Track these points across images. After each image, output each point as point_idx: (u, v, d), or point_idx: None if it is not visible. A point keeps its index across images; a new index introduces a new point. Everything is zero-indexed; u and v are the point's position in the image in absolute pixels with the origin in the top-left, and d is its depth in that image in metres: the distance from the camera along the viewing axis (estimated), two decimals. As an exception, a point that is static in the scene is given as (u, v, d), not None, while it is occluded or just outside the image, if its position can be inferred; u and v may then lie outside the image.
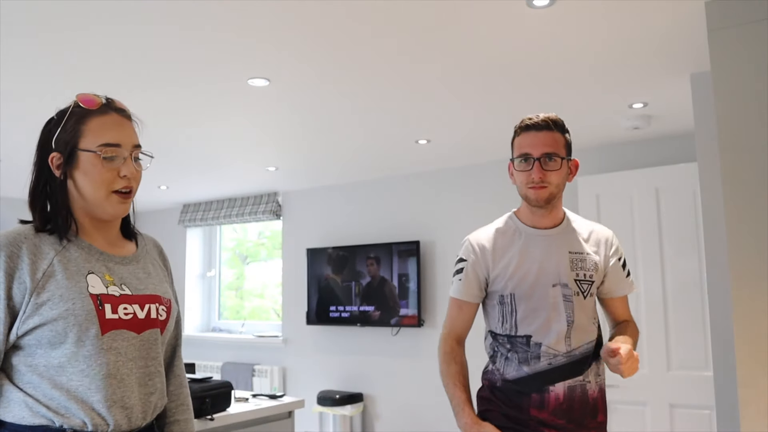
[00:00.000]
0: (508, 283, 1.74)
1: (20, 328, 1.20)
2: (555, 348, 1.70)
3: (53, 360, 1.21)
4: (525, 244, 1.77)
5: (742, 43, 2.05)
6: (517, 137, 1.77)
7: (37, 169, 1.32)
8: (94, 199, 1.28)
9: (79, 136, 1.28)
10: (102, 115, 1.30)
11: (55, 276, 1.22)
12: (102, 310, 1.23)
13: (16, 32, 2.33)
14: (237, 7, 2.16)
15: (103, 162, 1.27)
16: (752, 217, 1.99)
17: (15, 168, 4.66)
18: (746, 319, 1.96)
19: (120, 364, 1.25)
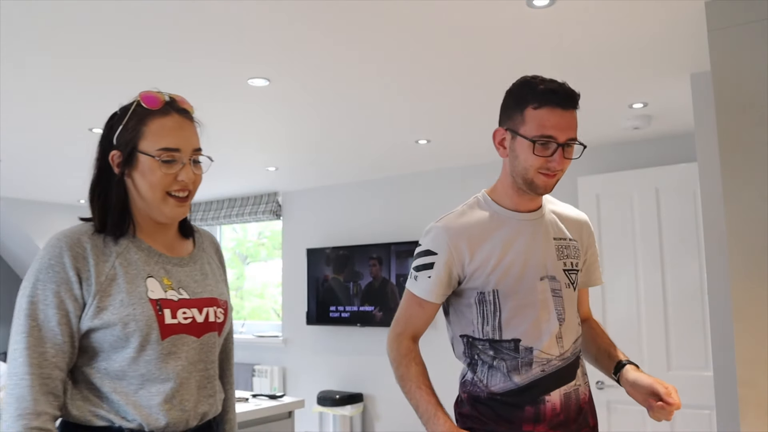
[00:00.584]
0: (490, 278, 1.47)
1: (81, 329, 1.20)
2: (548, 352, 1.48)
3: (114, 363, 1.20)
4: (507, 231, 1.51)
5: (742, 43, 2.05)
6: (535, 109, 1.44)
7: (99, 166, 1.31)
8: (150, 200, 1.26)
9: (139, 137, 1.26)
10: (163, 117, 1.30)
11: (116, 279, 1.21)
12: (162, 315, 1.22)
13: (16, 33, 2.33)
14: (237, 7, 2.16)
15: (161, 166, 1.25)
16: (752, 218, 1.99)
17: (15, 168, 4.66)
18: (746, 319, 1.96)
19: (180, 369, 1.24)
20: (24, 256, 6.34)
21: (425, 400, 1.46)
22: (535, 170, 1.46)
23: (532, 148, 1.44)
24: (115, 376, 1.20)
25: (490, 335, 1.49)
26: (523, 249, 1.50)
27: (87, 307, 1.18)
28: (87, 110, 3.28)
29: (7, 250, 6.48)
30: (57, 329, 1.16)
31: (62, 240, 1.21)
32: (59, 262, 1.18)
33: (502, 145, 1.54)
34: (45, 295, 1.17)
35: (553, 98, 1.43)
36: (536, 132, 1.44)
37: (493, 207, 1.55)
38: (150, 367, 1.20)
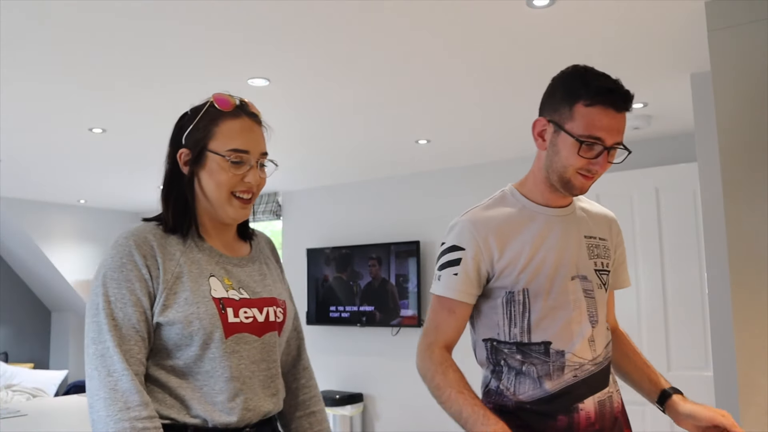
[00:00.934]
0: (521, 276, 1.37)
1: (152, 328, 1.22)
2: (580, 356, 1.37)
3: (179, 360, 1.22)
4: (537, 227, 1.41)
5: (742, 43, 2.05)
6: (586, 106, 1.32)
7: (169, 166, 1.33)
8: (216, 200, 1.28)
9: (209, 137, 1.28)
10: (234, 119, 1.30)
11: (181, 278, 1.22)
12: (224, 314, 1.23)
13: (16, 33, 2.33)
14: (237, 7, 2.16)
15: (230, 166, 1.26)
16: (752, 217, 1.99)
17: (15, 168, 4.66)
18: (746, 319, 1.96)
19: (243, 367, 1.25)
20: (24, 256, 6.35)
21: (470, 403, 1.32)
22: (574, 170, 1.36)
23: (577, 148, 1.33)
24: (180, 372, 1.22)
25: (518, 338, 1.38)
26: (555, 246, 1.40)
27: (155, 305, 1.20)
28: (87, 110, 3.28)
29: (7, 250, 6.48)
30: (138, 326, 1.18)
31: (130, 239, 1.23)
32: (131, 260, 1.20)
33: (542, 137, 1.41)
34: (122, 293, 1.18)
35: (608, 98, 1.31)
36: (584, 131, 1.32)
37: (523, 201, 1.45)
38: (214, 365, 1.22)
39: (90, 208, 6.55)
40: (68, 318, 6.71)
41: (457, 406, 1.34)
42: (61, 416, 2.68)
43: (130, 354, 1.16)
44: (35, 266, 6.36)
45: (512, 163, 4.57)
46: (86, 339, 1.19)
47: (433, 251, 4.89)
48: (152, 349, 1.22)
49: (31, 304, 6.77)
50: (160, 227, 1.28)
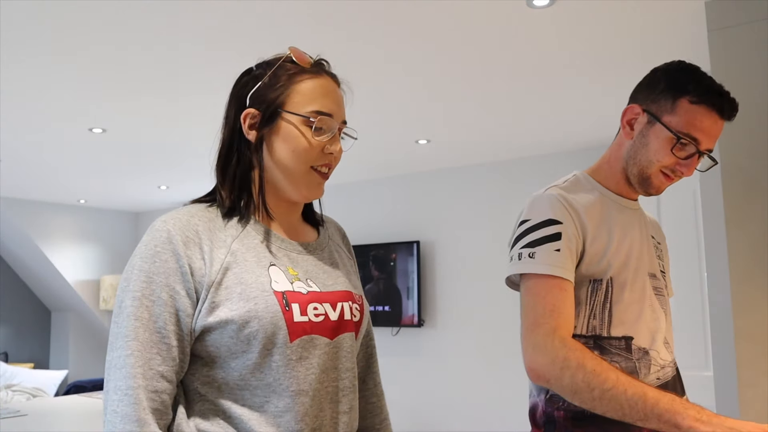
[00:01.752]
0: (611, 263, 1.25)
1: (195, 330, 0.98)
2: (663, 356, 1.27)
3: (233, 372, 0.98)
4: (620, 216, 1.32)
5: (742, 43, 2.05)
6: (691, 103, 1.24)
7: (228, 129, 1.08)
8: (291, 172, 1.05)
9: (286, 96, 1.06)
10: (316, 77, 1.11)
11: (232, 268, 0.98)
12: (289, 312, 0.99)
13: (16, 33, 2.33)
14: (237, 8, 2.16)
15: (311, 133, 1.04)
16: (752, 217, 1.99)
17: (15, 168, 4.66)
18: (746, 319, 1.96)
19: (311, 377, 1.00)
20: (24, 256, 6.35)
21: (653, 390, 1.05)
22: (659, 167, 1.27)
23: (672, 144, 1.24)
24: (235, 387, 0.98)
25: (597, 330, 1.23)
26: (636, 238, 1.32)
27: (200, 302, 0.96)
28: (87, 110, 3.28)
29: (7, 250, 6.48)
30: (165, 331, 0.94)
31: (169, 222, 0.99)
32: (167, 249, 0.97)
33: (630, 125, 1.32)
34: (151, 289, 0.95)
35: (716, 100, 1.24)
36: (684, 128, 1.23)
37: (599, 188, 1.35)
38: (278, 376, 0.97)
39: (90, 208, 6.55)
40: (68, 318, 6.71)
41: (636, 388, 1.04)
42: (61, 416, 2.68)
43: (149, 366, 0.92)
44: (35, 266, 6.36)
45: (512, 163, 4.56)
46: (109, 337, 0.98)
47: (433, 251, 4.89)
48: (200, 359, 0.99)
49: (31, 304, 6.77)
50: (211, 208, 1.05)
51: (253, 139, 1.06)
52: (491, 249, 4.59)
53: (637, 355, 1.23)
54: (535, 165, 4.44)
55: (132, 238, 6.92)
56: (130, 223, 6.90)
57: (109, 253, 6.68)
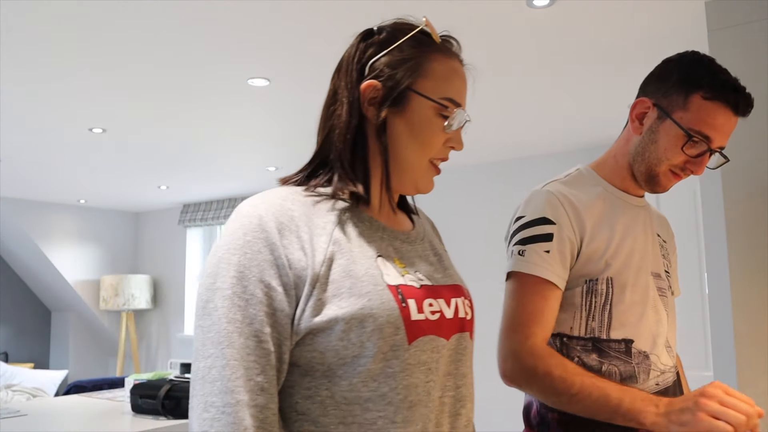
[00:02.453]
0: (609, 263, 1.19)
1: (295, 338, 0.81)
2: (663, 361, 1.22)
3: (341, 382, 0.81)
4: (623, 213, 1.26)
5: (742, 43, 2.05)
6: (705, 99, 1.17)
7: (347, 102, 0.91)
8: (412, 165, 0.92)
9: (419, 72, 0.91)
10: (449, 58, 0.94)
11: (337, 259, 0.83)
12: (406, 308, 0.84)
13: (16, 33, 2.33)
14: (237, 7, 2.16)
15: (439, 119, 0.91)
16: (752, 217, 1.99)
17: (15, 168, 4.66)
18: (746, 320, 1.96)
19: (430, 386, 0.85)
20: (24, 256, 6.35)
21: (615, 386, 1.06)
22: (668, 166, 1.21)
23: (683, 142, 1.18)
24: (342, 400, 0.81)
25: (596, 332, 1.18)
26: (639, 237, 1.25)
27: (303, 299, 0.81)
28: (87, 110, 3.28)
29: (7, 250, 6.49)
30: (263, 335, 0.78)
31: (259, 207, 0.84)
32: (259, 238, 0.81)
33: (640, 120, 1.25)
34: (243, 286, 0.79)
35: (731, 96, 1.18)
36: (696, 125, 1.17)
37: (603, 184, 1.28)
38: (395, 385, 0.81)
39: (90, 208, 6.55)
40: (68, 318, 6.71)
41: (599, 391, 1.05)
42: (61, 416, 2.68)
43: (247, 376, 0.76)
44: (35, 266, 6.37)
45: (511, 164, 4.56)
46: (193, 354, 0.81)
47: (433, 251, 4.88)
48: (296, 370, 0.83)
49: (31, 304, 6.77)
50: (306, 190, 0.90)
51: (372, 117, 0.90)
52: (488, 250, 4.59)
53: (636, 359, 1.18)
54: (533, 165, 4.44)
55: (132, 238, 6.92)
56: (130, 223, 6.91)
57: (109, 253, 6.68)
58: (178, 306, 6.45)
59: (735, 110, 1.18)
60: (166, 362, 6.50)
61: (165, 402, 2.54)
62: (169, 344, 6.52)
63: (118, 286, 6.17)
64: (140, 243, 6.93)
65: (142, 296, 6.30)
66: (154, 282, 6.67)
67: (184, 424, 2.48)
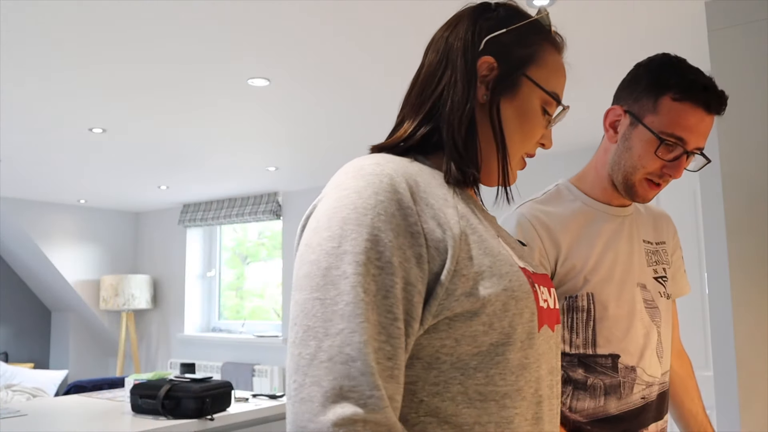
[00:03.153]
0: (588, 279, 1.18)
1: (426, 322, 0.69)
2: (650, 373, 1.21)
3: (477, 375, 0.70)
4: (602, 226, 1.24)
5: (742, 43, 2.05)
6: (674, 100, 1.15)
7: (465, 76, 0.82)
8: (510, 149, 0.85)
9: (535, 60, 0.85)
10: (559, 53, 0.91)
11: (470, 234, 0.73)
12: (536, 293, 0.76)
13: (16, 33, 2.33)
14: (237, 7, 2.16)
15: (542, 113, 0.85)
16: (752, 217, 1.99)
17: (15, 168, 4.66)
18: (746, 319, 1.96)
19: (541, 380, 0.76)
20: (24, 256, 6.35)
21: None
22: (643, 174, 1.19)
23: (655, 146, 1.15)
24: (477, 396, 0.69)
25: (581, 349, 1.17)
26: (621, 249, 1.23)
27: (445, 278, 0.68)
28: (87, 110, 3.28)
29: (7, 250, 6.49)
30: (397, 311, 0.65)
31: (386, 166, 0.73)
32: (392, 200, 0.69)
33: (613, 128, 1.25)
34: (378, 251, 0.66)
35: (701, 95, 1.15)
36: (667, 128, 1.15)
37: (582, 198, 1.27)
38: (529, 377, 0.73)
39: (90, 208, 6.55)
40: (68, 318, 6.71)
41: None
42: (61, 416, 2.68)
43: (395, 365, 0.64)
44: (35, 266, 6.37)
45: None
46: (300, 332, 0.64)
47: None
48: (418, 363, 0.70)
49: (31, 304, 6.77)
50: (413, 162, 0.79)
51: (481, 97, 0.82)
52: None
53: (622, 374, 1.18)
54: (531, 165, 4.44)
55: (132, 238, 6.92)
56: (130, 223, 6.91)
57: (109, 253, 6.68)
58: (178, 306, 6.45)
59: (707, 109, 1.15)
60: (166, 362, 6.50)
61: (165, 402, 2.54)
62: (169, 344, 6.52)
63: (118, 286, 6.17)
64: (140, 243, 6.93)
65: (142, 296, 6.30)
66: (154, 282, 6.67)
67: (183, 424, 2.48)
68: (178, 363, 6.27)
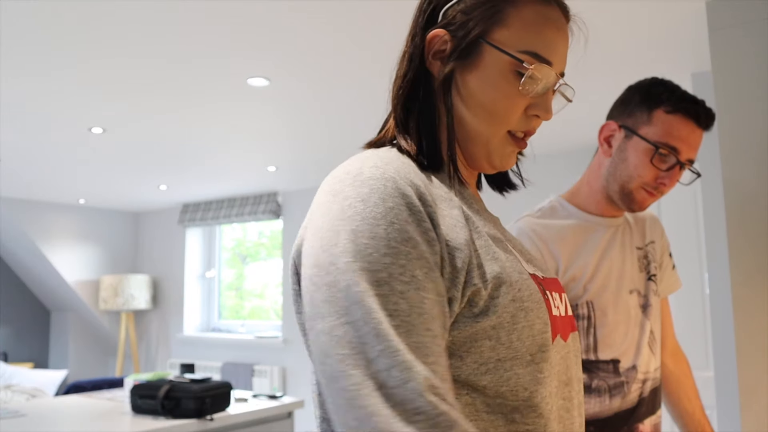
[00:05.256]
0: (587, 288, 1.25)
1: None
2: (644, 370, 1.29)
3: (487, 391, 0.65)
4: (597, 238, 1.30)
5: (743, 43, 2.05)
6: (667, 113, 1.24)
7: (408, 55, 0.78)
8: (481, 134, 0.75)
9: (496, 19, 0.72)
10: (542, 4, 0.73)
11: (476, 239, 0.68)
12: (548, 301, 0.71)
13: (16, 33, 2.33)
14: (237, 7, 2.16)
15: (519, 79, 0.72)
16: (752, 217, 1.98)
17: (15, 168, 4.65)
18: (747, 320, 1.96)
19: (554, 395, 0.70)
20: (24, 256, 6.35)
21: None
22: (639, 183, 1.26)
23: (651, 155, 1.23)
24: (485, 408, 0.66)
25: (584, 355, 1.24)
26: (615, 258, 1.31)
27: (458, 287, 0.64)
28: (87, 110, 3.28)
29: (7, 250, 6.48)
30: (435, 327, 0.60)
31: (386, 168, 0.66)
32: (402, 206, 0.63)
33: (608, 142, 1.31)
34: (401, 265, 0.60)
35: (691, 108, 1.24)
36: (662, 138, 1.23)
37: (576, 213, 1.33)
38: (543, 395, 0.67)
39: (90, 208, 6.55)
40: (68, 318, 6.71)
41: None
42: (61, 416, 2.68)
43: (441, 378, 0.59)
44: (35, 266, 6.36)
45: (512, 163, 4.56)
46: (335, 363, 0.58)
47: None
48: None
49: (31, 304, 6.77)
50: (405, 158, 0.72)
51: (436, 72, 0.75)
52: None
53: (624, 375, 1.26)
54: (534, 165, 4.43)
55: (132, 238, 6.92)
56: (129, 223, 6.90)
57: (108, 253, 6.68)
58: (177, 306, 6.45)
59: (696, 121, 1.24)
60: (166, 362, 6.50)
61: (164, 402, 2.53)
62: (169, 344, 6.52)
63: (118, 286, 6.17)
64: (140, 243, 6.92)
65: (141, 296, 6.30)
66: (153, 282, 6.67)
67: (183, 425, 2.48)
68: (177, 363, 6.26)
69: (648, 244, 1.40)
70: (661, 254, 1.45)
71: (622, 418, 1.23)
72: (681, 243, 3.51)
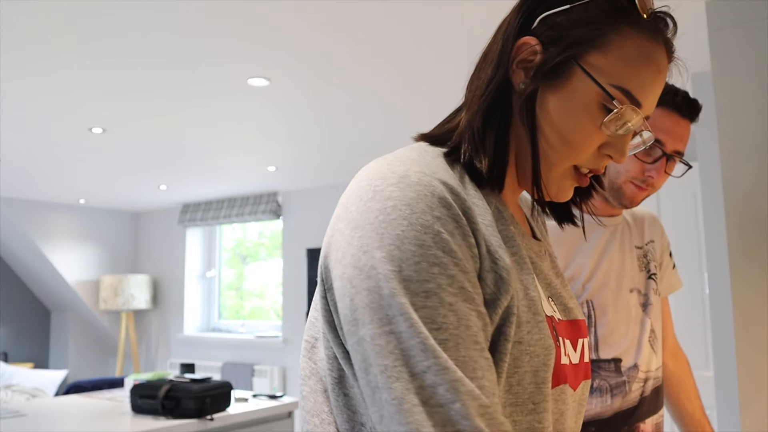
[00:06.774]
0: (586, 287, 1.25)
1: None
2: (645, 369, 1.29)
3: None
4: (597, 237, 1.30)
5: (743, 43, 2.05)
6: None
7: (497, 57, 0.69)
8: (549, 162, 0.69)
9: (595, 43, 0.65)
10: (649, 40, 0.68)
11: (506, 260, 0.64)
12: (559, 349, 0.67)
13: (16, 33, 2.33)
14: (237, 7, 2.16)
15: (601, 113, 0.65)
16: (752, 217, 1.98)
17: (15, 168, 4.65)
18: (747, 320, 1.96)
19: None
20: (24, 256, 6.35)
21: None
22: (627, 177, 1.26)
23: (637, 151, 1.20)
24: None
25: None
26: (615, 257, 1.31)
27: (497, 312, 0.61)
28: (87, 110, 3.28)
29: (7, 250, 6.48)
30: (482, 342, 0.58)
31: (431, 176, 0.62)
32: (448, 217, 0.60)
33: None
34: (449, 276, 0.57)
35: (672, 100, 1.23)
36: None
37: None
38: None
39: (90, 208, 6.55)
40: (68, 318, 6.71)
41: None
42: (61, 416, 2.68)
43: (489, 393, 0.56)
44: (35, 266, 6.36)
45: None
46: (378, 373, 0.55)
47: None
48: None
49: (31, 304, 6.77)
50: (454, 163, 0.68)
51: (516, 82, 0.68)
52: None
53: (626, 374, 1.25)
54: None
55: (132, 238, 6.92)
56: (129, 223, 6.90)
57: (108, 253, 6.68)
58: (177, 306, 6.45)
59: (680, 112, 1.24)
60: (166, 362, 6.50)
61: (164, 402, 2.53)
62: (169, 344, 6.52)
63: (118, 286, 6.17)
64: (140, 243, 6.92)
65: (141, 296, 6.30)
66: (153, 282, 6.67)
67: (183, 425, 2.48)
68: (177, 363, 6.26)
69: (647, 244, 1.40)
70: (661, 254, 1.44)
71: (622, 418, 1.23)
72: (681, 243, 3.51)
